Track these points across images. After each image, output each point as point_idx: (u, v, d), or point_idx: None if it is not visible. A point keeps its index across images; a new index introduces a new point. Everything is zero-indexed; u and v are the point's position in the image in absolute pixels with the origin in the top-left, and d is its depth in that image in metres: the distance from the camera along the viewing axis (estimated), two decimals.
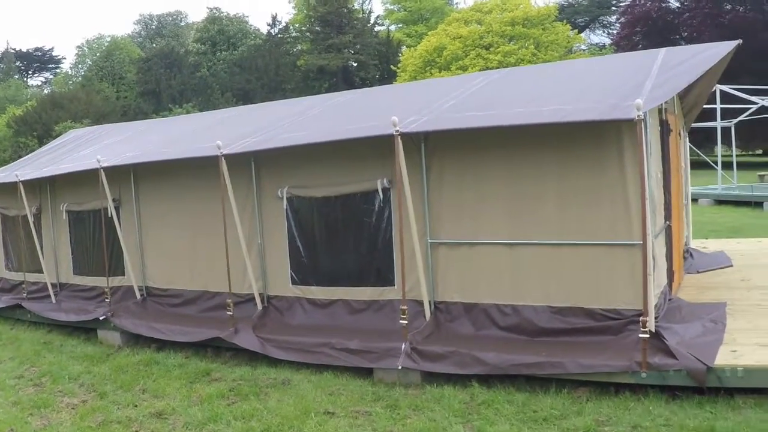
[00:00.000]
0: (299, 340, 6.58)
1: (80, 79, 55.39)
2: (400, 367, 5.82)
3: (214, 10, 62.15)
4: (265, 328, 7.07)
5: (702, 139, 29.78)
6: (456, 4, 65.64)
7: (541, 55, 40.80)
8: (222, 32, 59.34)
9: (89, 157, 9.09)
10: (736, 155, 26.18)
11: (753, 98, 20.47)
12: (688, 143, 9.75)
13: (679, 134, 8.23)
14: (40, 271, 9.59)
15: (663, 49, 7.62)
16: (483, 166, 6.07)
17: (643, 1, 44.90)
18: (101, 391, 6.45)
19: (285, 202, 7.18)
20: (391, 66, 49.36)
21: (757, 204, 19.02)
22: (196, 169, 7.72)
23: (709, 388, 4.87)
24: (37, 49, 70.80)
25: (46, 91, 55.55)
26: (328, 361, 6.29)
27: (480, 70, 24.87)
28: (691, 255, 9.41)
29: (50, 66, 72.78)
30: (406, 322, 5.96)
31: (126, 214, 8.72)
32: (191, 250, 8.04)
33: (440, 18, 56.30)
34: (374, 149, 6.42)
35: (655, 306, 5.65)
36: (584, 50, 49.60)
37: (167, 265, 8.37)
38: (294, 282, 7.26)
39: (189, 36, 64.99)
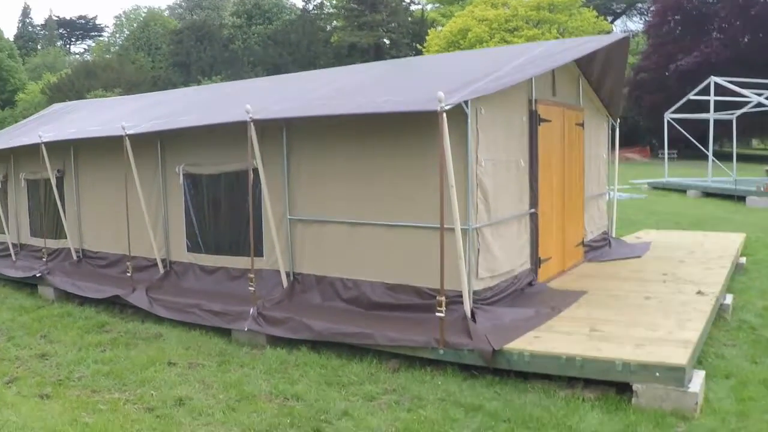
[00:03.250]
0: (178, 300, 7.41)
1: (117, 48, 57.19)
2: (246, 329, 6.58)
3: None
4: (160, 289, 7.92)
5: (722, 132, 29.39)
6: None
7: None
8: (258, 6, 60.35)
9: (48, 132, 10.07)
10: (754, 148, 25.79)
11: (744, 91, 20.31)
12: (607, 134, 10.07)
13: (581, 125, 8.61)
14: (3, 232, 10.74)
15: (547, 42, 8.12)
16: (331, 150, 6.69)
17: None
18: (11, 335, 7.42)
19: (181, 177, 7.99)
20: (417, 45, 49.50)
21: (740, 198, 18.99)
22: (120, 145, 8.54)
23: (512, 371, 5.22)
24: (80, 17, 73.37)
25: (89, 59, 57.52)
26: (195, 320, 7.10)
27: None
28: (609, 244, 9.87)
29: (93, 34, 75.39)
30: (253, 288, 6.71)
31: (68, 184, 9.68)
32: (115, 217, 8.92)
33: None
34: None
35: (491, 288, 6.23)
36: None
37: (98, 231, 9.32)
38: (188, 249, 8.09)
39: (227, 9, 66.26)
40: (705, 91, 21.22)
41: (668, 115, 22.99)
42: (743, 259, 9.58)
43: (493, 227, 6.29)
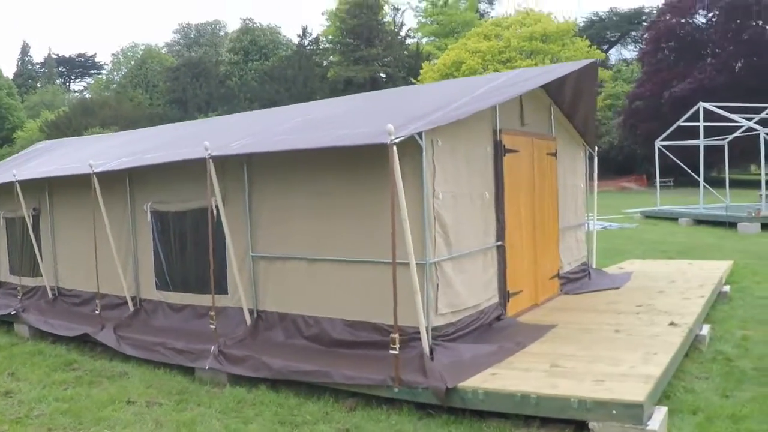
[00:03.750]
0: (144, 338, 7.30)
1: (115, 86, 57.92)
2: (207, 368, 6.46)
3: (248, 21, 64.24)
4: (128, 327, 7.81)
5: (716, 158, 29.42)
6: (485, 18, 65.87)
7: None
8: (254, 42, 61.27)
9: (25, 170, 10.09)
10: (752, 173, 25.72)
11: (734, 116, 20.38)
12: (585, 163, 10.02)
13: (554, 155, 8.56)
14: None
15: (514, 71, 8.12)
16: (291, 185, 6.64)
17: (668, 18, 44.47)
18: None
19: (149, 215, 7.94)
20: (412, 79, 50.03)
21: (732, 225, 18.87)
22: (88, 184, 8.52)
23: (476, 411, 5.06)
24: (80, 55, 74.45)
25: (87, 96, 58.21)
26: (160, 358, 6.98)
27: None
28: (588, 275, 9.75)
29: (92, 71, 76.45)
30: (214, 326, 6.60)
31: (43, 222, 9.65)
32: (88, 255, 8.85)
33: (470, 32, 56.77)
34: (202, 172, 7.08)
35: (454, 323, 6.09)
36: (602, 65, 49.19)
37: (72, 268, 9.24)
38: (157, 287, 7.99)
39: (224, 45, 67.25)
40: (696, 117, 21.30)
41: (659, 143, 23.04)
42: (727, 287, 9.44)
43: (455, 261, 6.19)
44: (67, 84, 72.60)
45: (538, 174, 8.03)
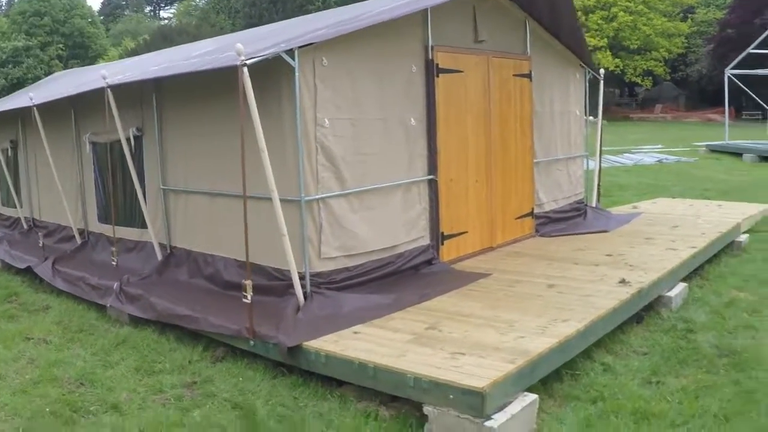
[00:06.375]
0: (73, 273, 7.12)
1: (198, 12, 57.99)
2: (108, 305, 6.16)
3: None
4: (70, 261, 7.66)
5: None
6: None
7: None
8: None
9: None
10: None
11: None
12: (584, 87, 8.70)
13: (527, 76, 7.39)
14: None
15: None
16: (192, 115, 6.05)
17: None
18: None
19: (88, 146, 7.61)
20: None
21: None
22: (52, 117, 8.28)
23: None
24: None
25: (171, 24, 59.00)
26: (80, 293, 6.80)
27: None
28: (584, 215, 8.66)
29: None
30: (115, 262, 6.26)
31: (22, 153, 9.61)
32: (53, 187, 8.75)
33: None
34: (129, 98, 6.58)
35: (348, 268, 5.43)
36: None
37: (43, 200, 9.21)
38: (99, 219, 7.74)
39: None
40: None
41: (729, 71, 20.47)
42: (744, 237, 8.03)
43: (351, 198, 5.41)
44: (157, 12, 73.87)
45: (498, 98, 6.92)
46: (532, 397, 3.86)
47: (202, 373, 4.83)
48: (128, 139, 6.63)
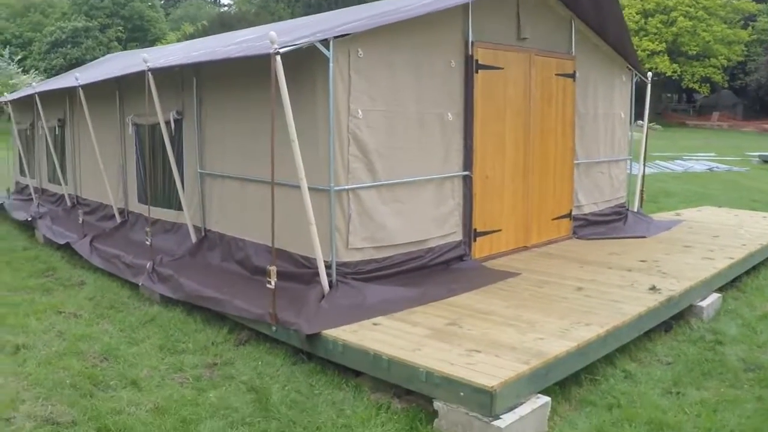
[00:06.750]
0: (110, 250, 7.31)
1: (258, 0, 58.32)
2: (141, 284, 6.31)
3: None
4: (108, 239, 7.88)
5: None
6: None
7: None
8: None
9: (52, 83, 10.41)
10: None
11: None
12: (630, 91, 8.47)
13: (570, 76, 7.24)
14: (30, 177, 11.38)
15: None
16: (229, 101, 6.13)
17: None
18: None
19: (131, 127, 7.80)
20: None
21: None
22: (97, 98, 8.51)
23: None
24: None
25: (231, 11, 59.51)
26: (115, 270, 7.00)
27: None
28: (625, 220, 8.45)
29: None
30: (149, 242, 6.40)
31: (68, 132, 9.92)
32: (96, 166, 9.01)
33: None
34: (170, 82, 6.72)
35: (377, 260, 5.42)
36: None
37: (86, 179, 9.50)
38: (139, 200, 7.94)
39: None
40: None
41: None
42: None
43: (382, 190, 5.40)
44: None
45: (539, 97, 6.79)
46: (545, 399, 3.79)
47: (223, 355, 4.91)
48: (168, 122, 6.78)
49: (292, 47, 4.55)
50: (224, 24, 46.11)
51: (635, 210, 8.77)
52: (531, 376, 3.78)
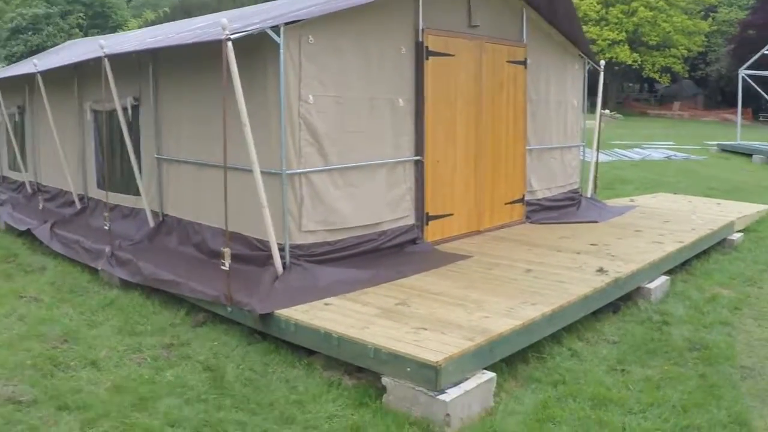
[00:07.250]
0: (70, 236, 7.32)
1: None
2: (100, 269, 6.36)
3: None
4: (68, 224, 7.86)
5: None
6: None
7: None
8: None
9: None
10: None
11: None
12: (583, 79, 8.72)
13: (522, 63, 7.42)
14: None
15: None
16: (183, 87, 6.17)
17: None
18: None
19: (89, 113, 7.78)
20: None
21: None
22: (56, 84, 8.43)
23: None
24: None
25: None
26: (74, 255, 7.03)
27: None
28: (578, 205, 8.70)
29: None
30: (107, 227, 6.43)
31: (28, 118, 9.81)
32: (56, 153, 8.94)
33: None
34: (127, 69, 6.72)
35: (329, 242, 5.54)
36: None
37: (46, 165, 9.42)
38: (99, 185, 7.93)
39: None
40: None
41: (743, 71, 20.29)
42: (737, 236, 8.05)
43: (333, 174, 5.52)
44: None
45: (490, 83, 6.97)
46: (490, 375, 3.96)
47: (181, 336, 5.00)
48: (125, 108, 6.80)
49: (242, 33, 4.64)
50: (186, 11, 45.46)
51: (589, 196, 9.04)
52: (476, 352, 3.95)
